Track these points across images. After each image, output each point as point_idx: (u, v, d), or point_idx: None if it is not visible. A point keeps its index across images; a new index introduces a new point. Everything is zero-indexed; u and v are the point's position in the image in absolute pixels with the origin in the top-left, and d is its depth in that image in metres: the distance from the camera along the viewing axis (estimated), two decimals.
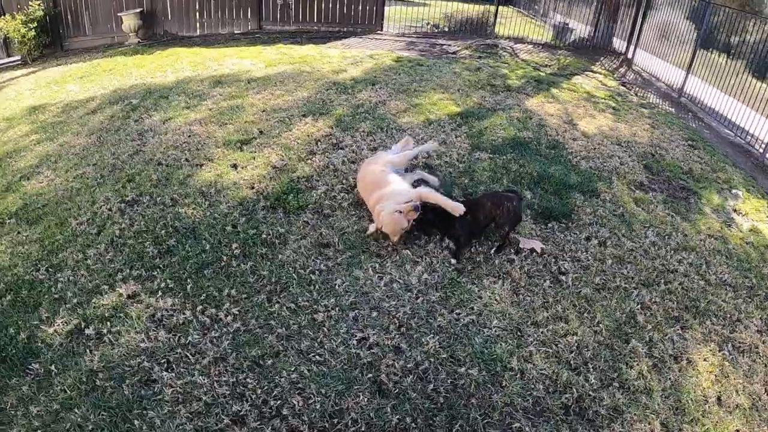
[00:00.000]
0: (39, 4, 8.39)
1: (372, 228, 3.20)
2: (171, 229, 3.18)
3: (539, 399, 2.35)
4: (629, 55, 9.20)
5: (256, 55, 7.14)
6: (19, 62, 8.45)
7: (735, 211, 4.17)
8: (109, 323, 2.52)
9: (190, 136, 4.37)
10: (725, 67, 7.00)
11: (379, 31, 9.40)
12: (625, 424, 2.28)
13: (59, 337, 2.45)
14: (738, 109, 6.48)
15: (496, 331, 2.67)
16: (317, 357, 2.42)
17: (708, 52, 7.45)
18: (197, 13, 8.57)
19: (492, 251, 3.20)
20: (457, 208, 3.16)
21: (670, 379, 2.52)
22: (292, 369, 2.35)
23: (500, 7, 9.98)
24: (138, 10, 8.58)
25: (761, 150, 5.85)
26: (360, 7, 9.11)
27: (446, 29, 9.79)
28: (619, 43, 9.79)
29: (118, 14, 8.59)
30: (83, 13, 8.57)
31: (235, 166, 3.92)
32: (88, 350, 2.39)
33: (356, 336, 2.56)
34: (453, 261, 3.11)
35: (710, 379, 2.56)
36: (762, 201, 4.44)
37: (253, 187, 3.68)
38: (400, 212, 3.07)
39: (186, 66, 6.59)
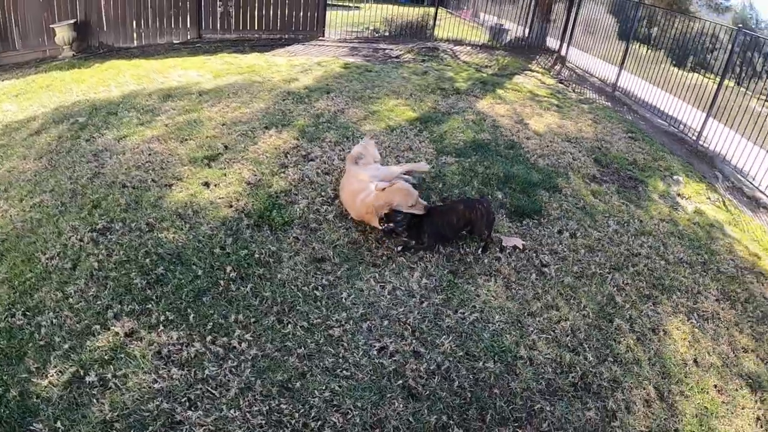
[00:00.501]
0: None
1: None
2: (155, 256, 3.08)
3: (550, 380, 2.67)
4: (563, 53, 10.21)
5: (201, 66, 6.97)
6: None
7: (679, 195, 4.90)
8: (111, 366, 2.41)
9: (150, 154, 4.20)
10: (654, 61, 8.12)
11: (321, 38, 9.52)
12: (625, 392, 2.67)
13: (57, 389, 2.31)
14: (667, 100, 7.52)
15: (499, 325, 2.96)
16: (344, 372, 2.54)
17: (638, 48, 8.57)
18: (134, 23, 8.15)
19: (479, 251, 3.51)
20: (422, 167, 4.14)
21: (653, 349, 2.98)
22: (323, 387, 2.44)
23: (431, 8, 10.58)
24: (72, 21, 8.01)
25: (694, 137, 6.87)
26: (301, 14, 9.21)
27: (387, 33, 10.17)
28: (552, 42, 10.82)
29: (51, 26, 7.95)
30: (12, 26, 7.75)
31: (207, 184, 3.86)
32: (94, 399, 2.28)
33: (375, 346, 2.71)
34: (398, 248, 3.41)
35: (685, 345, 3.06)
36: (701, 184, 5.26)
37: (231, 206, 3.66)
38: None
39: (129, 79, 6.29)
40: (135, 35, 8.32)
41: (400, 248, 3.45)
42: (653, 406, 2.63)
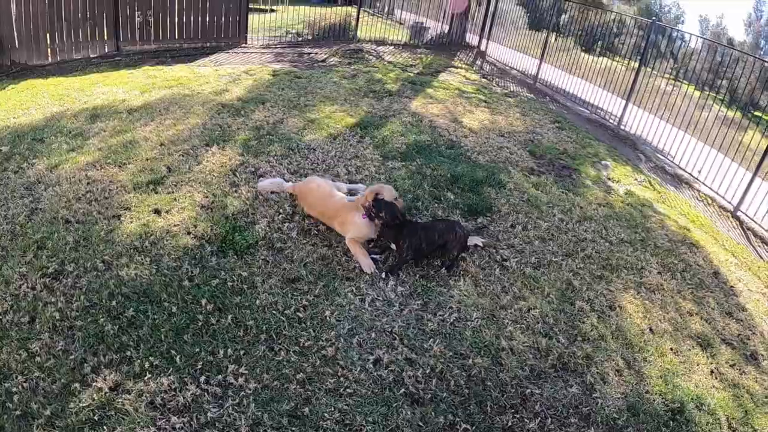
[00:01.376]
0: None
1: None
2: (121, 297, 2.94)
3: (533, 366, 3.00)
4: (483, 48, 10.92)
5: (125, 81, 6.56)
6: None
7: (609, 179, 5.58)
8: (104, 427, 2.30)
9: (89, 183, 3.93)
10: (571, 52, 9.07)
11: (243, 45, 9.33)
12: (598, 366, 3.08)
13: None
14: (586, 88, 8.40)
15: (477, 321, 3.24)
16: (347, 390, 2.65)
17: (556, 39, 9.49)
18: (48, 38, 7.42)
19: (443, 269, 3.64)
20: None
21: (613, 324, 3.44)
22: (332, 409, 2.53)
23: (350, 8, 10.76)
24: None
25: (615, 122, 7.76)
26: (223, 20, 8.97)
27: (309, 37, 10.18)
28: (472, 38, 11.51)
29: None
30: None
31: (158, 212, 3.71)
32: None
33: (369, 359, 2.85)
34: (384, 275, 3.47)
35: (639, 316, 3.57)
36: (627, 167, 6.00)
37: (189, 233, 3.56)
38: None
39: (50, 100, 5.77)
40: (50, 51, 7.70)
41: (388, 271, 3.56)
42: (624, 374, 3.07)
